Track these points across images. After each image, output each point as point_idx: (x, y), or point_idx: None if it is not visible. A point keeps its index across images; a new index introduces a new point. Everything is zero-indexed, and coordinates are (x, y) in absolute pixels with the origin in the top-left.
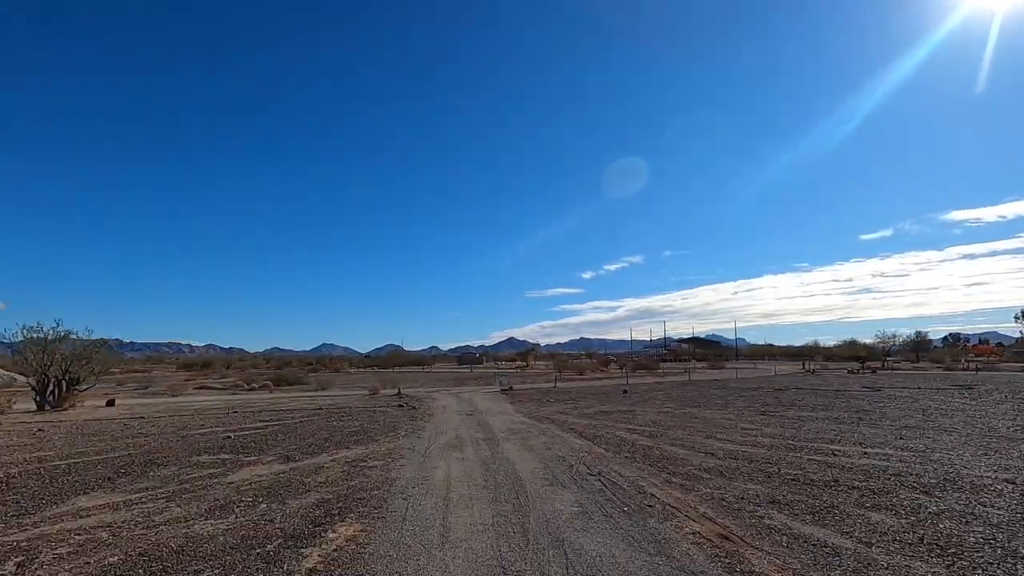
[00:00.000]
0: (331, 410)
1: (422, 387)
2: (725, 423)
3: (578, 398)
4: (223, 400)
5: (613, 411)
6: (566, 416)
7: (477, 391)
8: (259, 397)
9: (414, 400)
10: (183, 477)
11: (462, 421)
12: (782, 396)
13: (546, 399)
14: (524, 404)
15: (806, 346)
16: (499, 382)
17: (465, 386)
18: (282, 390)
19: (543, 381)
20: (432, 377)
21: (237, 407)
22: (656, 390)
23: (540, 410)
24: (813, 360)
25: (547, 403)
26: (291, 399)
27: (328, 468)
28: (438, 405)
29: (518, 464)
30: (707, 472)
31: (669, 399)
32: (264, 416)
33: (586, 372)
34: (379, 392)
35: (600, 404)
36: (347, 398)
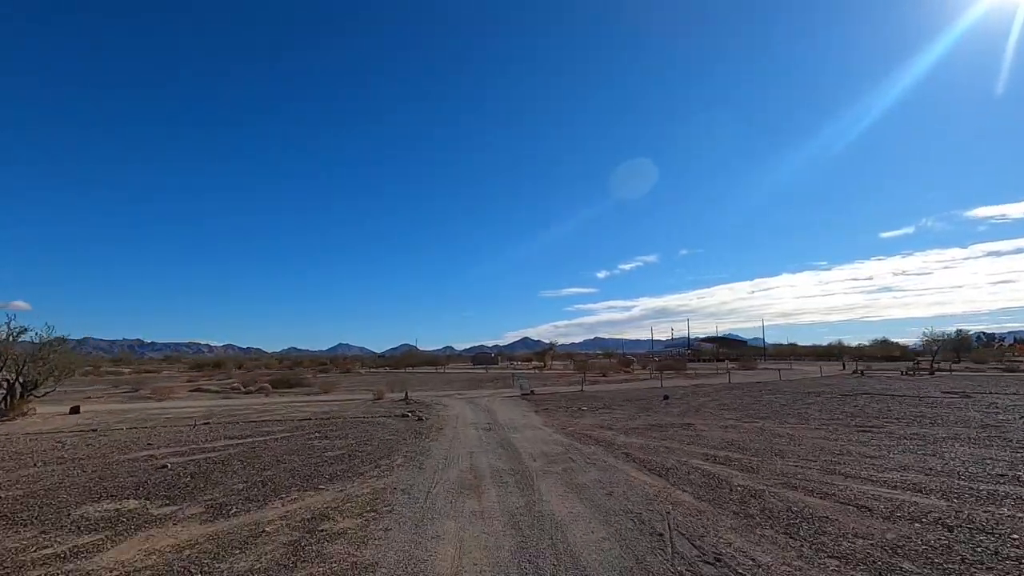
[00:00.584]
0: (322, 421)
1: (433, 390)
2: (827, 445)
3: (613, 405)
4: (208, 406)
5: (665, 424)
6: (610, 432)
7: (494, 395)
8: (250, 402)
9: (422, 407)
10: (21, 558)
11: (479, 439)
12: (857, 404)
13: (576, 406)
14: (553, 414)
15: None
16: (519, 385)
17: (481, 389)
18: (280, 393)
19: (565, 383)
20: (445, 379)
21: (215, 416)
22: (699, 395)
23: (574, 422)
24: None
25: (579, 412)
26: (285, 404)
27: (267, 537)
28: (450, 414)
29: (571, 530)
30: (900, 555)
31: (723, 407)
32: (237, 429)
33: (608, 373)
34: (384, 397)
35: (643, 414)
36: (347, 404)
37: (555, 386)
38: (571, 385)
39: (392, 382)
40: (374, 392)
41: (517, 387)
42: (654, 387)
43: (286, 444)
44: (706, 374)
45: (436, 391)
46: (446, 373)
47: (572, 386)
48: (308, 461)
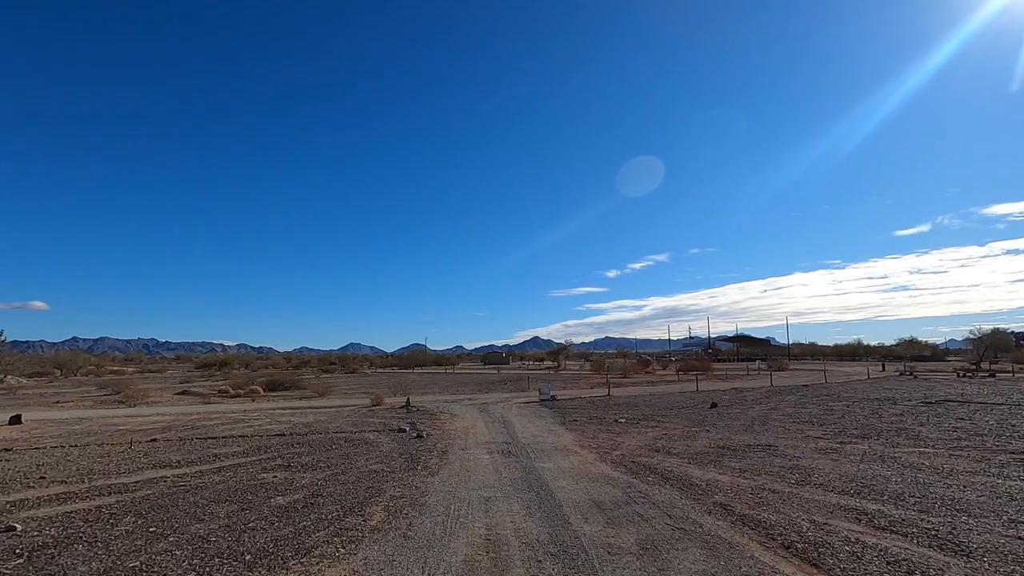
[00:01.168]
0: (297, 437)
1: (441, 393)
2: (1014, 492)
3: (654, 415)
4: (178, 414)
5: (739, 446)
6: (674, 459)
7: (510, 401)
8: (229, 409)
9: (425, 417)
10: None
11: (497, 473)
12: (961, 416)
13: (610, 417)
14: (585, 428)
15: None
16: (538, 390)
17: (493, 392)
18: (268, 398)
19: (586, 386)
20: (455, 380)
21: (175, 428)
22: (749, 401)
23: (617, 442)
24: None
25: (618, 426)
26: (266, 412)
27: None
28: (458, 428)
29: None
30: None
31: (793, 419)
32: (184, 450)
33: (629, 374)
34: (382, 403)
35: (700, 429)
36: (337, 412)
37: (575, 389)
38: (593, 388)
39: (397, 384)
40: (372, 397)
41: (535, 391)
42: (689, 391)
43: (228, 481)
44: (738, 375)
45: (444, 395)
46: (456, 374)
47: (595, 389)
48: (237, 518)
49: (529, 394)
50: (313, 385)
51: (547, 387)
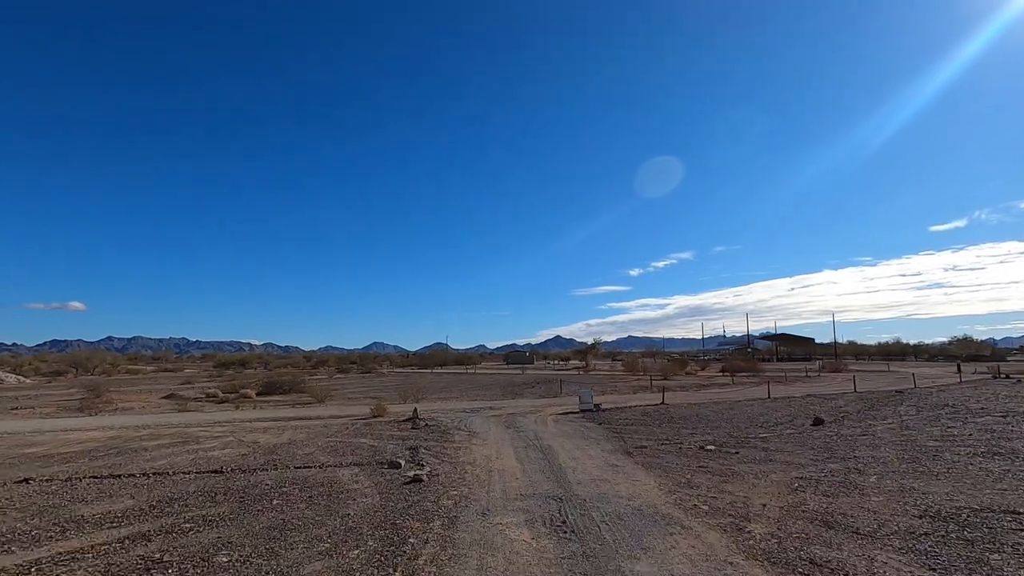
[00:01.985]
0: (238, 479)
1: (458, 399)
2: None
3: (747, 438)
4: (134, 426)
5: (971, 513)
6: (880, 552)
7: (542, 411)
8: (203, 419)
9: (434, 437)
10: None
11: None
12: None
13: (688, 440)
14: (666, 464)
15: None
16: (579, 397)
17: (521, 398)
18: (255, 405)
19: (626, 389)
20: (476, 382)
21: (101, 451)
22: (853, 415)
23: (740, 497)
24: (962, 361)
25: (711, 458)
26: (241, 424)
27: None
28: (477, 461)
29: None
30: None
31: (971, 449)
32: (46, 505)
33: (670, 375)
34: (385, 413)
35: (841, 465)
36: (325, 426)
37: (616, 394)
38: (636, 392)
39: (411, 387)
40: (373, 407)
41: (570, 396)
42: (756, 398)
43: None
44: (797, 377)
45: (462, 401)
46: (477, 374)
47: (639, 394)
48: None
49: (564, 401)
50: (314, 389)
51: (588, 394)
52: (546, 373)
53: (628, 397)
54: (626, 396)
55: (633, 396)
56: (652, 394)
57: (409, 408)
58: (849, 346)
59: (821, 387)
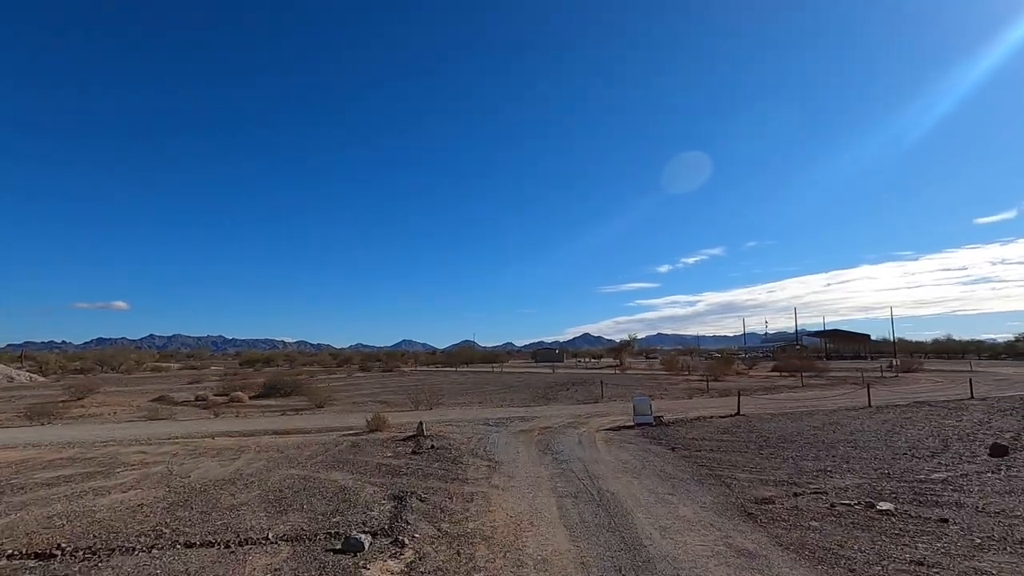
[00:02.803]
0: (85, 562)
1: (481, 405)
2: None
3: (924, 484)
4: (64, 444)
5: None
6: None
7: (586, 424)
8: (162, 432)
9: (438, 471)
10: None
11: None
12: None
13: (848, 492)
14: (845, 555)
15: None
16: (634, 407)
17: (555, 403)
18: (239, 411)
19: (678, 392)
20: (503, 382)
21: None
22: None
23: None
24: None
25: (928, 542)
26: (199, 441)
27: None
28: (500, 529)
29: None
30: None
31: None
32: None
33: (720, 375)
34: (384, 427)
35: None
36: (301, 447)
37: (669, 398)
38: (691, 396)
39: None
40: (372, 417)
41: (614, 402)
42: (855, 407)
43: None
44: (875, 378)
45: (486, 407)
46: (504, 374)
47: (695, 398)
48: None
49: (608, 408)
50: (316, 392)
51: (646, 402)
52: (578, 372)
53: (686, 404)
54: (682, 403)
55: (690, 402)
56: (713, 399)
57: (419, 417)
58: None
59: (917, 390)
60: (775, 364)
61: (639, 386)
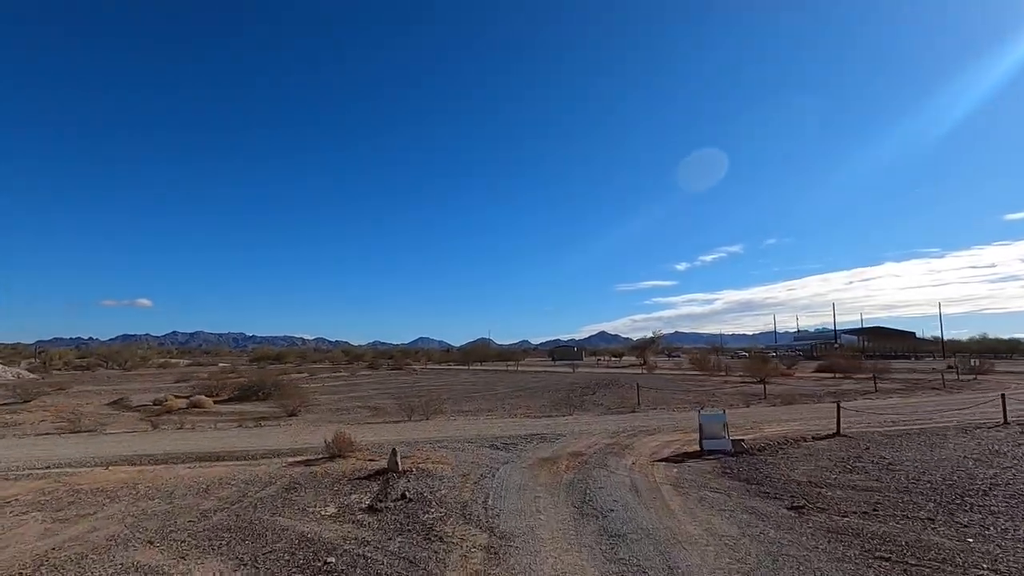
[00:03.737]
0: None
1: (491, 414)
2: None
3: None
4: None
5: None
6: None
7: (635, 451)
8: (58, 454)
9: (402, 550)
10: None
11: None
12: None
13: None
14: None
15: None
16: (702, 426)
17: (582, 412)
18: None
19: (731, 399)
20: (517, 383)
21: None
22: None
23: None
24: None
25: None
26: (77, 474)
27: None
28: None
29: None
30: None
31: None
32: None
33: (767, 377)
34: (351, 452)
35: None
36: (207, 490)
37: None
38: (750, 404)
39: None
40: (330, 442)
41: (663, 418)
42: (985, 422)
43: None
44: (956, 380)
45: (495, 417)
46: (521, 372)
47: (753, 406)
48: None
49: (651, 419)
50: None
51: (719, 421)
52: (601, 372)
53: (750, 416)
54: (744, 413)
55: (753, 412)
56: (778, 409)
57: (406, 434)
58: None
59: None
60: (820, 364)
61: (675, 389)
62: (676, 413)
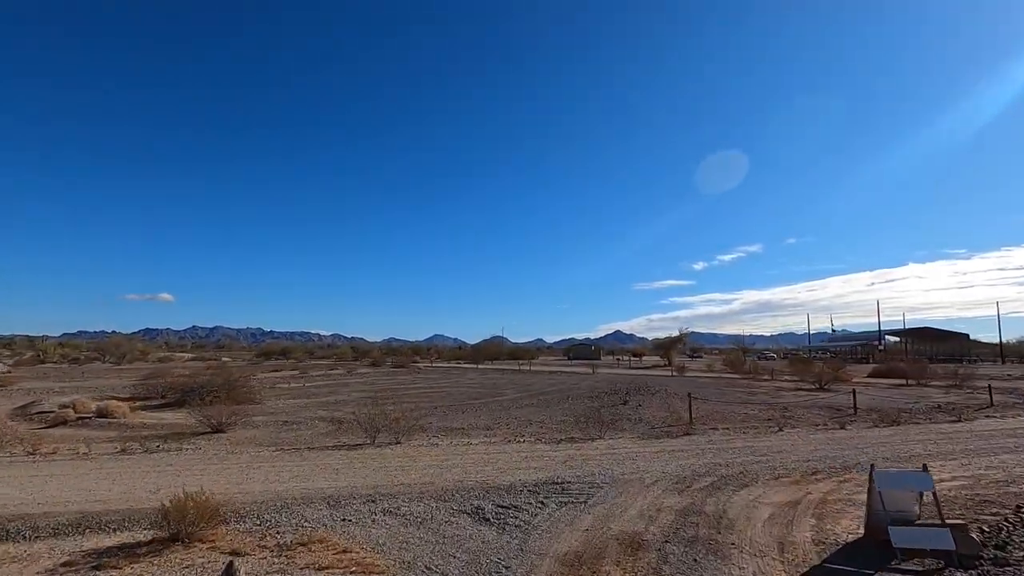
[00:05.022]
0: None
1: (488, 437)
2: None
3: None
4: None
5: None
6: None
7: (728, 512)
8: None
9: None
10: None
11: None
12: None
13: None
14: None
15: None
16: (882, 496)
17: (616, 433)
18: (39, 450)
19: (817, 414)
20: (529, 386)
21: None
22: None
23: None
24: None
25: None
26: None
27: None
28: None
29: None
30: None
31: None
32: None
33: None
34: (206, 532)
35: None
36: None
37: (807, 430)
38: (846, 426)
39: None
40: (170, 510)
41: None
42: None
43: None
44: None
45: (492, 442)
46: (533, 373)
47: (848, 428)
48: None
49: (730, 454)
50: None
51: (914, 482)
52: (624, 374)
53: (866, 444)
54: (848, 438)
55: (859, 437)
56: (883, 432)
57: (353, 475)
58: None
59: None
60: (875, 367)
61: (726, 398)
62: (752, 438)
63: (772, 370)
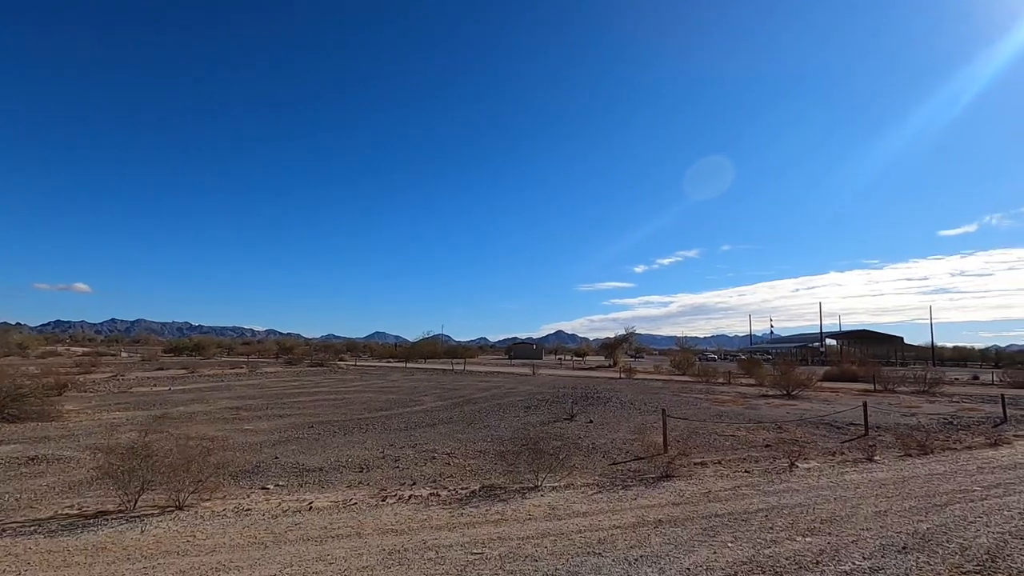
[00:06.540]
0: None
1: (350, 493)
2: None
3: None
4: None
5: None
6: None
7: None
8: None
9: None
10: None
11: None
12: None
13: None
14: None
15: (984, 349)
16: None
17: (568, 479)
18: None
19: (823, 437)
20: (459, 390)
21: None
22: None
23: None
24: None
25: None
26: None
27: None
28: None
29: None
30: None
31: None
32: None
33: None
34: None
35: None
36: None
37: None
38: (873, 458)
39: (320, 404)
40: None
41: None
42: None
43: None
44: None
45: (343, 504)
46: (468, 374)
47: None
48: None
49: (738, 528)
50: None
51: None
52: (567, 376)
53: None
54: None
55: (859, 465)
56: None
57: None
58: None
59: None
60: (827, 371)
61: (692, 409)
62: (767, 483)
63: (729, 372)
